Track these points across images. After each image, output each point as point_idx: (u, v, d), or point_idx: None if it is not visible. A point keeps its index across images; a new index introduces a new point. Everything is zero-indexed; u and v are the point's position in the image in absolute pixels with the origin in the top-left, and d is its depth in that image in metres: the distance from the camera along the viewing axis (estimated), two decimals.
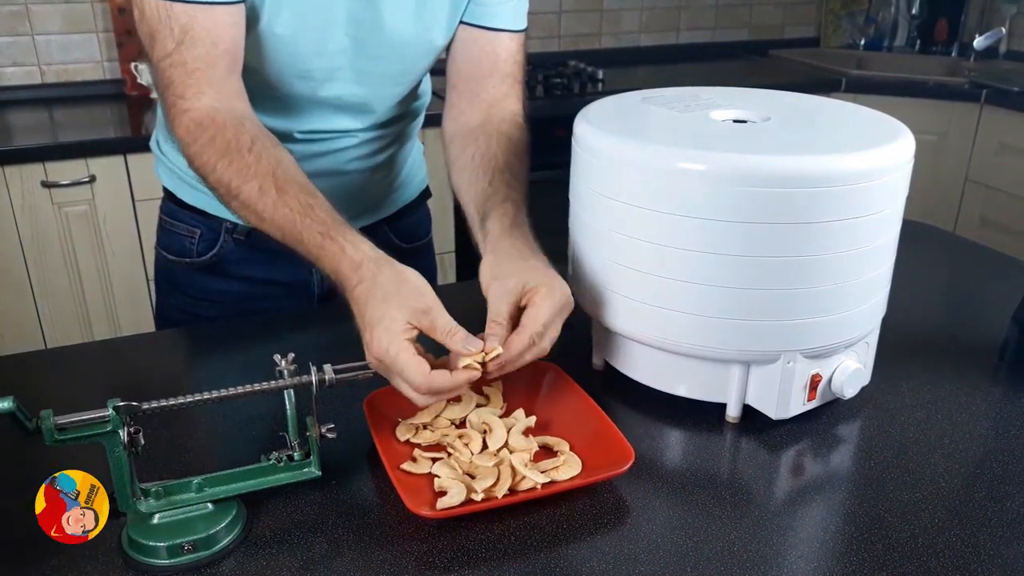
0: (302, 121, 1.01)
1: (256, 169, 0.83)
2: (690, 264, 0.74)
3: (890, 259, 0.81)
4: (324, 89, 0.98)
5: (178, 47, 0.85)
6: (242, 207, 0.84)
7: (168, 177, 1.11)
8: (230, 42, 0.87)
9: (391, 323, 0.71)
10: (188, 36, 0.85)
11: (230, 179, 0.83)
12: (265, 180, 0.82)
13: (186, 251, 1.10)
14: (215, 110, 0.86)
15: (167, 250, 1.13)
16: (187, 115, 0.86)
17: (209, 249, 1.09)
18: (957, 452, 0.78)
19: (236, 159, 0.83)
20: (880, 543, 0.67)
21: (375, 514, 0.69)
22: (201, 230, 1.09)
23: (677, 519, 0.69)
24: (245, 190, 0.83)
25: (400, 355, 0.70)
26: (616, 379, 0.88)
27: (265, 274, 1.11)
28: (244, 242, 1.09)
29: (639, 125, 0.83)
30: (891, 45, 3.19)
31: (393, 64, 1.00)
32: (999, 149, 2.49)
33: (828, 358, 0.79)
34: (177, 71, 0.86)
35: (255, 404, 0.80)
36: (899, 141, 0.77)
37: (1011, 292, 0.95)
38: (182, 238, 1.10)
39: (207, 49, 0.85)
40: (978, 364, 0.93)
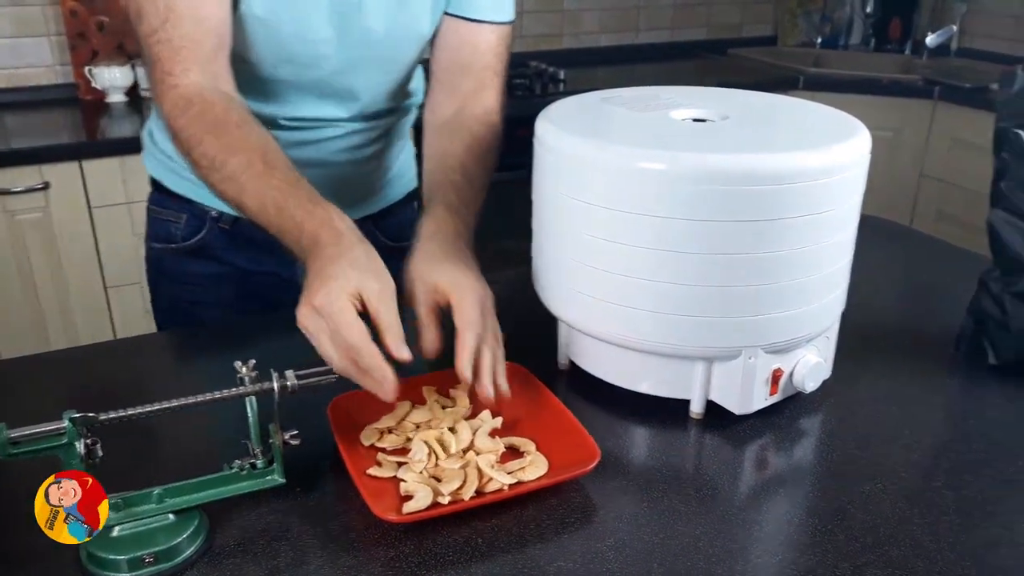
0: (287, 107, 1.01)
1: (244, 145, 0.83)
2: (652, 262, 0.75)
3: (848, 254, 0.82)
4: (308, 74, 0.98)
5: (164, 24, 0.85)
6: (224, 180, 0.83)
7: (156, 167, 1.12)
8: (216, 20, 0.87)
9: (346, 283, 0.71)
10: (173, 14, 0.85)
11: (216, 152, 0.83)
12: (253, 154, 0.82)
13: (171, 236, 1.11)
14: (203, 87, 0.86)
15: (155, 239, 1.13)
16: (175, 90, 0.86)
17: (194, 234, 1.10)
18: (916, 442, 0.80)
19: (223, 134, 0.83)
20: (842, 534, 0.68)
21: (341, 520, 0.69)
22: (186, 215, 1.10)
23: (643, 516, 0.70)
24: (231, 163, 0.82)
25: (342, 312, 0.70)
26: (582, 378, 0.89)
27: (249, 265, 1.11)
28: (228, 231, 1.09)
29: (600, 125, 0.83)
30: (847, 43, 3.24)
31: (377, 52, 1.00)
32: (952, 144, 2.54)
33: (789, 353, 0.80)
34: (163, 48, 0.86)
35: (217, 412, 0.79)
36: (856, 138, 0.78)
37: (966, 284, 0.97)
38: (168, 223, 1.11)
39: (192, 27, 0.85)
40: (935, 356, 0.95)
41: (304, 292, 0.73)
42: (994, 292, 0.91)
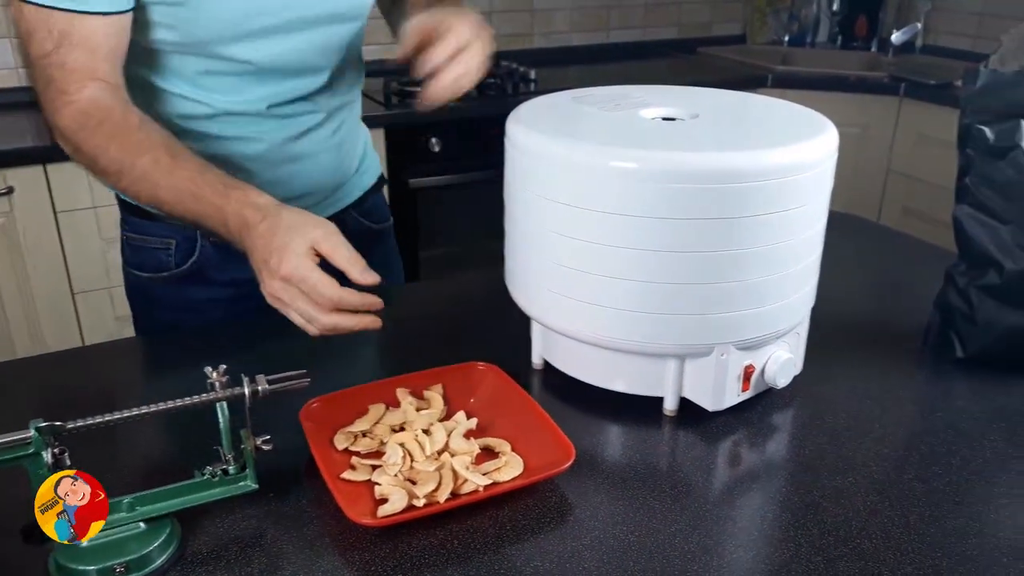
0: (263, 91, 1.00)
1: (148, 143, 0.85)
2: (623, 261, 0.75)
3: (817, 250, 0.83)
4: (266, 48, 0.96)
5: (56, 49, 0.85)
6: (136, 182, 0.85)
7: None
8: (108, 50, 0.87)
9: (298, 246, 0.75)
10: (67, 41, 0.85)
11: (122, 157, 0.84)
12: (158, 151, 0.84)
13: (163, 265, 1.07)
14: (99, 98, 0.86)
15: (140, 268, 1.09)
16: (71, 106, 0.86)
17: (188, 258, 1.06)
18: (886, 436, 0.81)
19: (126, 137, 0.85)
20: (815, 528, 0.68)
21: (315, 525, 0.68)
22: (176, 239, 1.06)
23: (619, 514, 0.70)
24: (139, 163, 0.84)
25: (312, 272, 0.74)
26: (556, 377, 0.89)
27: (246, 273, 1.08)
28: (222, 244, 1.04)
29: (571, 124, 0.83)
30: (814, 41, 3.27)
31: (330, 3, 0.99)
32: (918, 140, 2.57)
33: (760, 349, 0.81)
34: (56, 70, 0.86)
35: (188, 418, 0.78)
36: (823, 135, 0.79)
37: (933, 278, 0.98)
38: (156, 252, 1.07)
39: (86, 55, 0.86)
40: (903, 349, 0.96)
41: (262, 270, 0.76)
42: (960, 286, 0.92)
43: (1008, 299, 0.89)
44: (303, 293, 0.74)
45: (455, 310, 1.08)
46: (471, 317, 1.07)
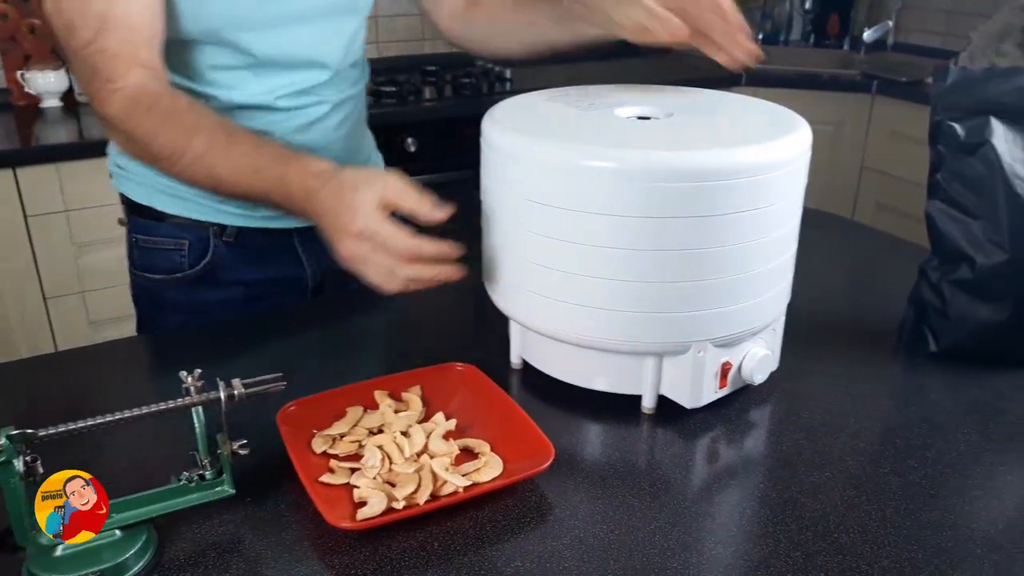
0: (270, 83, 1.00)
1: (201, 124, 0.85)
2: (600, 260, 0.75)
3: (792, 247, 0.83)
4: (271, 38, 0.97)
5: (97, 35, 0.86)
6: (192, 163, 0.84)
7: (138, 191, 1.06)
8: (148, 28, 0.88)
9: (366, 200, 0.76)
10: (107, 25, 0.85)
11: (175, 139, 0.84)
12: (212, 130, 0.84)
13: (176, 266, 1.06)
14: (145, 84, 0.86)
15: (150, 271, 1.08)
16: (119, 93, 0.86)
17: (201, 258, 1.06)
18: (862, 430, 0.81)
19: (178, 120, 0.85)
20: (794, 523, 0.69)
21: (294, 530, 0.68)
22: (189, 240, 1.05)
23: (599, 512, 0.70)
24: (193, 144, 0.83)
25: (384, 224, 0.75)
26: (535, 377, 0.89)
27: (259, 274, 1.10)
28: (235, 244, 1.07)
29: (546, 124, 0.83)
30: (787, 39, 3.30)
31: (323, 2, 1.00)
32: (891, 137, 2.60)
33: (737, 346, 0.82)
34: (100, 57, 0.86)
35: (163, 423, 0.77)
36: (797, 133, 0.79)
37: (907, 274, 0.99)
38: (169, 253, 1.06)
39: (127, 36, 0.86)
40: (878, 344, 0.97)
41: (334, 231, 0.77)
42: (933, 281, 0.93)
43: (980, 293, 0.90)
44: (379, 246, 0.75)
45: (433, 311, 1.08)
46: (449, 318, 1.06)
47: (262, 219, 1.06)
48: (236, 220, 1.05)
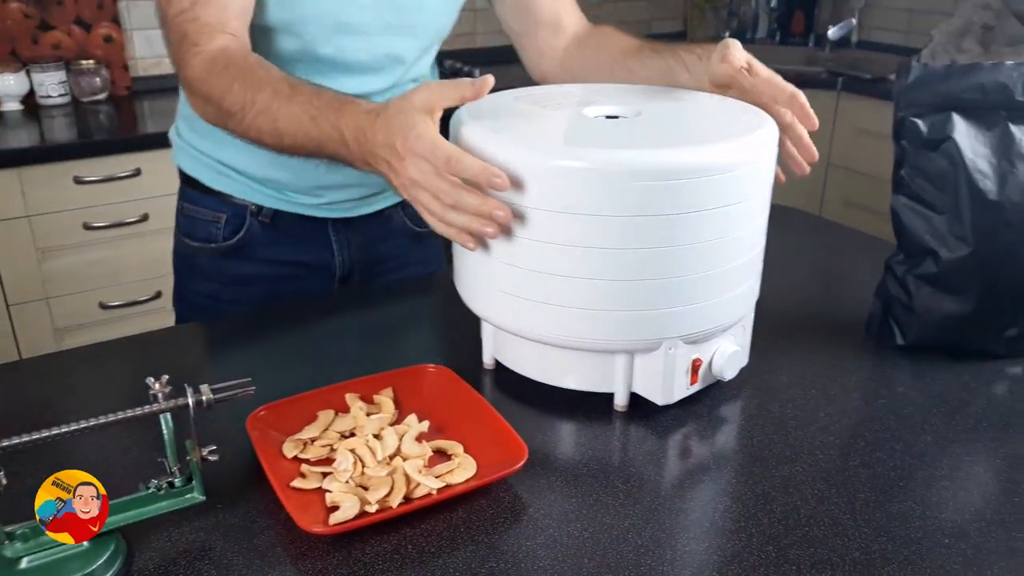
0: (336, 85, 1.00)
1: (268, 79, 0.88)
2: (571, 259, 0.75)
3: (761, 244, 0.84)
4: (353, 44, 1.02)
5: (192, 6, 0.92)
6: (258, 116, 0.87)
7: (190, 164, 1.14)
8: (239, 8, 0.94)
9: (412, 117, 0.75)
10: None
11: (244, 93, 0.87)
12: (278, 83, 0.87)
13: (211, 236, 1.13)
14: (227, 47, 0.91)
15: (189, 237, 1.16)
16: (200, 55, 0.91)
17: (235, 233, 1.13)
18: (832, 424, 0.82)
19: (249, 75, 0.88)
20: (766, 518, 0.69)
21: (266, 536, 0.67)
22: (227, 214, 1.12)
23: (573, 511, 0.70)
24: (260, 98, 0.87)
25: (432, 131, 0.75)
26: (507, 376, 0.89)
27: (290, 256, 1.15)
28: (269, 225, 1.13)
29: (515, 124, 0.83)
30: (753, 38, 3.33)
31: (418, 16, 1.05)
32: (857, 134, 2.64)
33: (707, 342, 0.82)
34: (191, 25, 0.92)
35: (131, 431, 0.76)
36: (763, 130, 0.80)
37: (874, 269, 1.00)
38: (207, 224, 1.13)
39: (218, 11, 0.92)
40: (846, 339, 0.99)
41: (391, 160, 0.77)
42: (899, 275, 0.94)
43: (944, 287, 0.91)
44: (433, 167, 0.74)
45: (404, 313, 1.07)
46: (421, 319, 1.06)
47: (298, 206, 1.12)
48: (274, 203, 1.11)
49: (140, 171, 2.04)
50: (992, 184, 0.87)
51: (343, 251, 1.17)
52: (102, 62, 2.34)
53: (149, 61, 2.45)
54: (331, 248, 1.16)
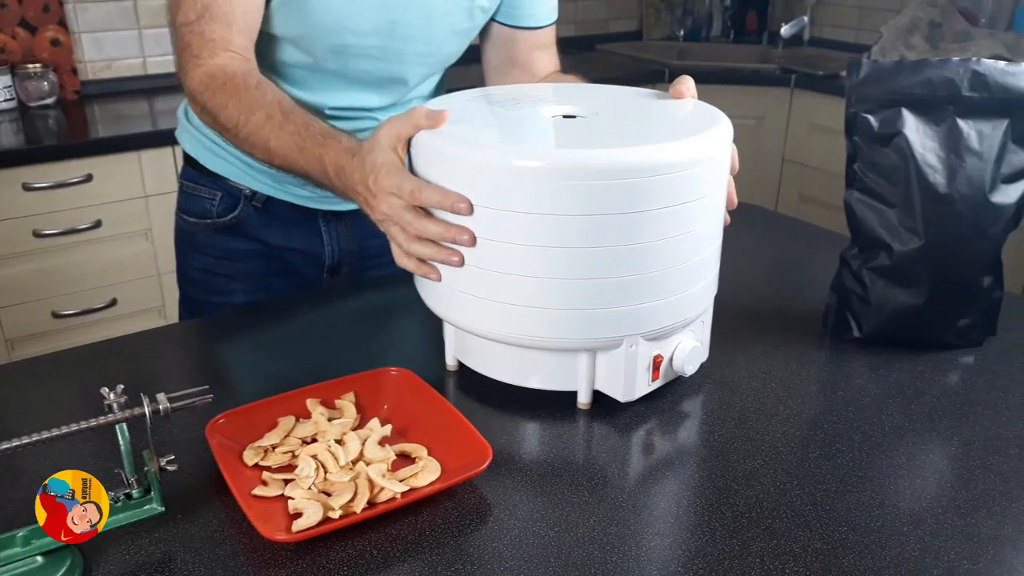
0: (333, 97, 1.09)
1: (262, 101, 0.92)
2: (530, 259, 0.75)
3: (718, 240, 0.85)
4: (357, 64, 1.06)
5: (199, 19, 0.95)
6: (251, 135, 0.92)
7: (192, 144, 1.17)
8: (243, 25, 0.97)
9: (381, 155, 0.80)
10: (208, 13, 0.95)
11: (239, 113, 0.92)
12: (272, 107, 0.91)
13: (206, 212, 1.17)
14: (227, 65, 0.95)
15: (187, 213, 1.20)
16: (200, 69, 0.95)
17: (229, 212, 1.16)
18: (792, 417, 0.83)
19: (244, 95, 0.92)
20: (728, 511, 0.70)
21: (228, 545, 0.66)
22: (221, 194, 1.16)
23: (538, 511, 0.70)
24: (253, 119, 0.91)
25: (397, 166, 0.79)
26: (470, 378, 0.88)
27: (280, 240, 1.18)
28: (261, 209, 1.16)
29: (472, 124, 0.83)
30: (708, 36, 3.37)
31: (422, 45, 1.07)
32: (810, 129, 2.68)
33: (667, 339, 0.83)
34: (195, 37, 0.95)
35: (86, 442, 0.75)
36: (718, 128, 0.81)
37: (829, 262, 1.02)
38: (203, 200, 1.17)
39: (223, 28, 0.95)
40: (804, 332, 1.00)
41: (367, 198, 0.82)
42: (854, 268, 0.96)
43: (898, 279, 0.93)
44: (401, 200, 0.78)
45: (364, 315, 1.07)
46: (381, 322, 1.05)
47: (291, 195, 1.15)
48: (267, 189, 1.15)
49: (92, 176, 2.00)
50: (942, 178, 0.89)
51: (332, 242, 1.20)
52: (49, 66, 2.29)
53: (99, 64, 2.40)
54: (321, 238, 1.19)
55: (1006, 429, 0.81)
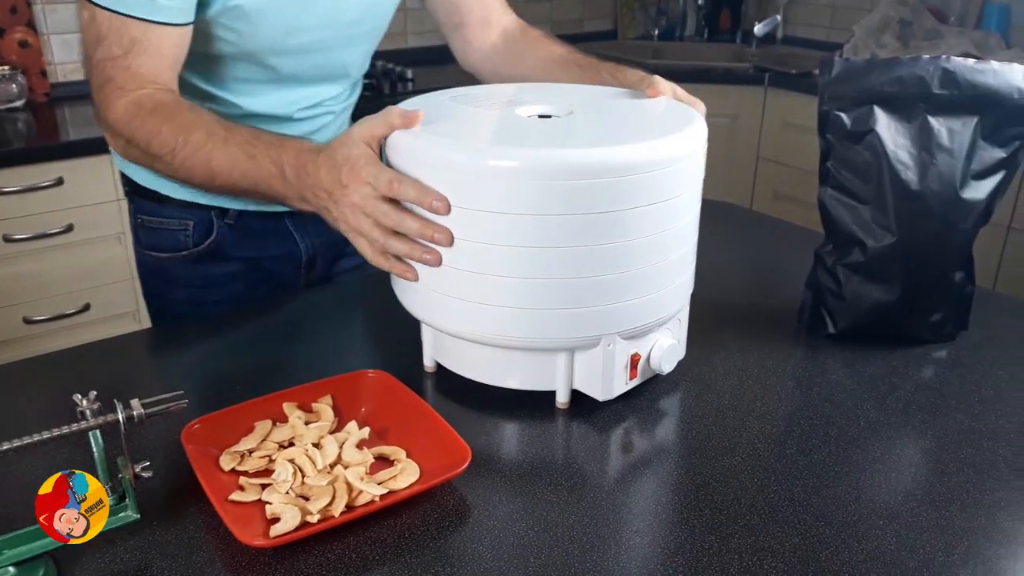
0: (290, 96, 1.07)
1: (200, 121, 0.89)
2: (508, 259, 0.75)
3: (694, 238, 0.85)
4: (311, 60, 1.04)
5: (125, 55, 0.90)
6: (190, 156, 0.88)
7: (145, 176, 1.11)
8: (173, 59, 0.93)
9: (355, 149, 0.79)
10: (136, 47, 0.90)
11: (175, 135, 0.88)
12: (212, 125, 0.88)
13: (180, 244, 1.13)
14: (153, 94, 0.91)
15: (157, 249, 1.15)
16: (125, 98, 0.90)
17: (205, 238, 1.12)
18: (768, 413, 0.84)
19: (178, 117, 0.89)
20: (707, 508, 0.70)
21: (205, 552, 0.65)
22: (194, 220, 1.12)
23: (518, 511, 0.70)
24: (193, 138, 0.88)
25: (373, 158, 0.79)
26: (449, 379, 0.88)
27: (259, 252, 1.16)
28: (235, 226, 1.13)
29: (448, 124, 0.83)
30: (682, 35, 3.38)
31: (360, 29, 1.08)
32: (784, 127, 2.70)
33: (645, 337, 0.83)
34: (119, 71, 0.91)
35: (59, 450, 0.74)
36: (693, 127, 0.81)
37: (804, 259, 1.03)
38: (175, 232, 1.13)
39: (154, 62, 0.91)
40: (780, 329, 1.01)
41: (334, 192, 0.80)
42: (828, 265, 0.97)
43: (872, 275, 0.94)
44: (375, 191, 0.78)
45: (341, 318, 1.06)
46: (359, 324, 1.05)
47: (260, 204, 1.10)
48: (235, 204, 1.11)
49: (63, 180, 1.97)
50: (913, 174, 0.90)
51: (304, 239, 1.19)
52: (18, 68, 2.25)
53: (69, 66, 2.37)
54: (293, 238, 1.18)
55: (978, 422, 0.82)
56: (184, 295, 1.16)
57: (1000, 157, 0.90)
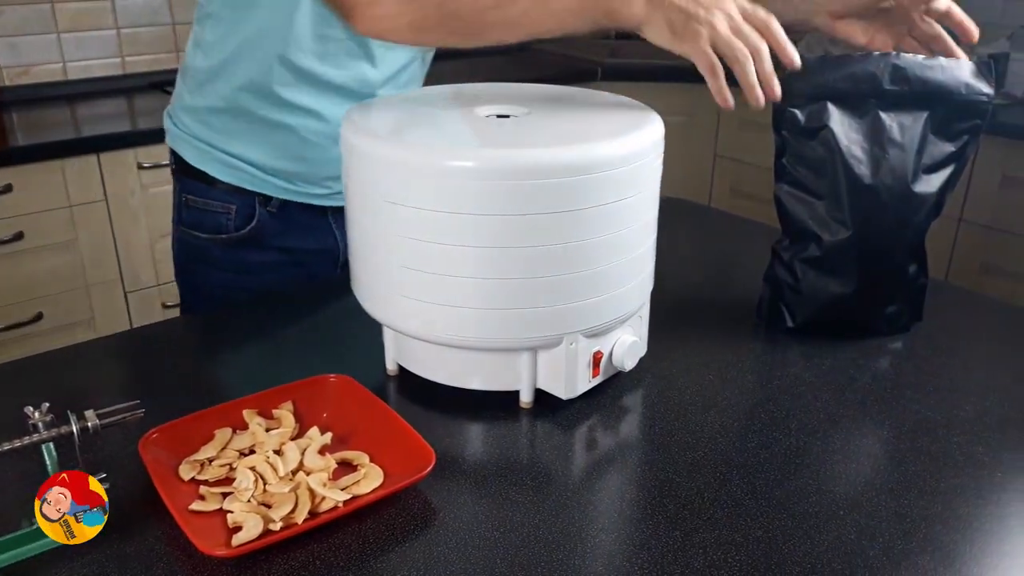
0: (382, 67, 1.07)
1: None
2: (468, 260, 0.75)
3: (653, 236, 0.86)
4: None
5: None
6: None
7: (195, 156, 1.12)
8: None
9: None
10: None
11: None
12: None
13: (221, 227, 1.13)
14: None
15: (198, 229, 1.15)
16: None
17: (246, 223, 1.13)
18: (730, 407, 0.85)
19: None
20: (671, 503, 0.71)
21: (166, 563, 0.64)
22: (237, 205, 1.12)
23: (483, 512, 0.70)
24: None
25: None
26: (411, 381, 0.88)
27: (297, 243, 1.16)
28: (277, 215, 1.13)
29: (405, 125, 0.83)
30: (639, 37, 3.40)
31: None
32: (741, 125, 2.73)
33: (607, 335, 0.83)
34: None
35: (11, 464, 0.72)
36: (650, 126, 0.82)
37: (762, 255, 1.04)
38: (216, 215, 1.13)
39: None
40: (740, 324, 1.02)
41: None
42: (785, 260, 0.98)
43: (828, 269, 0.95)
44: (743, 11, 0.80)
45: (302, 322, 1.05)
46: (320, 328, 1.04)
47: (304, 196, 1.13)
48: (280, 193, 1.12)
49: (11, 187, 1.92)
50: (867, 169, 0.91)
51: (343, 237, 1.18)
52: None
53: (16, 70, 2.32)
54: (333, 235, 1.18)
55: (934, 412, 0.84)
56: (218, 279, 1.17)
57: (950, 151, 0.92)
